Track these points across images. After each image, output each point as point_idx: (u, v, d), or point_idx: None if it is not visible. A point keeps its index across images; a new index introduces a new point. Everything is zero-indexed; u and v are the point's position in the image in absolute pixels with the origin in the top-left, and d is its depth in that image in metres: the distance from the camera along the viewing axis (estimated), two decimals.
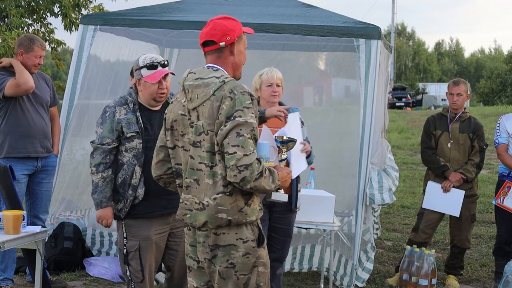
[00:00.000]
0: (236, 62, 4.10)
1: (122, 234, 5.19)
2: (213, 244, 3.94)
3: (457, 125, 7.56)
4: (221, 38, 4.02)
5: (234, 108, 3.80)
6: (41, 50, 6.77)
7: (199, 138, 3.92)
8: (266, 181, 3.79)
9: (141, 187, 5.13)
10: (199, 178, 3.94)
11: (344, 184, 8.41)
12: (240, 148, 3.73)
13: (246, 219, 3.93)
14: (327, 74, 11.38)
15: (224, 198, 3.88)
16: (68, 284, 7.16)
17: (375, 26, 7.60)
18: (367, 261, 7.51)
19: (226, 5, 8.50)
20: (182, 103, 4.03)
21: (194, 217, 3.97)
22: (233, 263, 3.93)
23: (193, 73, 4.05)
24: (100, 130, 5.16)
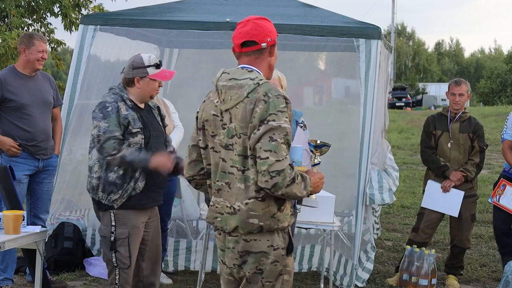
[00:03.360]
0: (272, 64, 4.08)
1: (109, 223, 5.32)
2: (243, 250, 3.89)
3: (457, 125, 7.56)
4: (263, 38, 3.99)
5: (268, 112, 3.71)
6: (42, 43, 6.75)
7: (231, 141, 3.84)
8: (298, 187, 3.72)
9: (141, 180, 5.30)
10: (231, 181, 3.86)
11: (344, 184, 8.40)
12: (272, 153, 3.65)
13: (278, 225, 3.86)
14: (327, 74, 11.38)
15: (256, 203, 3.80)
16: (68, 284, 7.16)
17: (375, 26, 7.60)
18: (367, 261, 7.51)
19: (226, 5, 8.50)
20: (215, 103, 3.96)
21: (225, 221, 3.91)
22: (262, 270, 3.88)
23: (227, 73, 4.00)
24: (104, 124, 5.21)
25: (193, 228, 8.72)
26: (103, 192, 5.31)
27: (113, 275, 5.40)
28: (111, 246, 5.35)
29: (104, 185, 5.29)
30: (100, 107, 5.28)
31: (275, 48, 4.07)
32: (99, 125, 5.23)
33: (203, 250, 7.10)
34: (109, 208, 5.33)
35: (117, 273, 5.37)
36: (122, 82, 5.47)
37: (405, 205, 12.44)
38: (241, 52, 4.07)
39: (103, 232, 5.42)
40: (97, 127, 5.24)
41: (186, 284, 7.33)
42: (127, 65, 5.48)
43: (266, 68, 4.03)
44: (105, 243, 5.43)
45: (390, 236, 10.04)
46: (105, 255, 5.45)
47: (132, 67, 5.42)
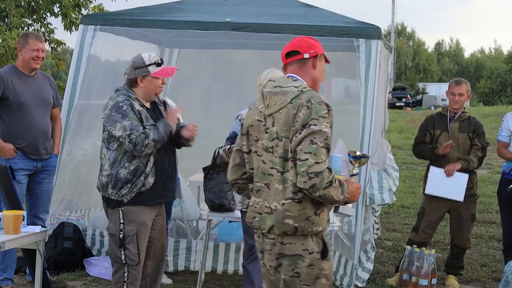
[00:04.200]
0: (315, 76, 4.21)
1: (118, 220, 5.40)
2: (279, 253, 4.02)
3: (457, 124, 7.56)
4: (306, 49, 4.17)
5: (310, 117, 3.88)
6: (37, 42, 6.71)
7: (272, 143, 4.01)
8: (336, 191, 3.85)
9: (152, 176, 5.39)
10: (270, 182, 4.03)
11: None
12: (312, 155, 3.80)
13: (312, 228, 3.98)
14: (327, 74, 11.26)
15: (292, 205, 3.94)
16: (68, 284, 7.16)
17: (375, 26, 7.60)
18: (367, 261, 7.51)
19: (226, 5, 8.50)
20: (260, 109, 4.14)
21: (262, 220, 4.06)
22: (299, 273, 4.00)
23: (273, 81, 4.17)
24: (127, 122, 5.29)
25: (193, 228, 8.72)
26: (113, 189, 5.37)
27: (121, 272, 5.45)
28: (120, 243, 5.41)
29: (114, 181, 5.36)
30: (116, 108, 5.33)
31: (321, 64, 4.25)
32: (123, 125, 5.28)
33: (203, 250, 7.09)
34: (118, 205, 5.39)
35: (126, 270, 5.43)
36: (126, 83, 5.53)
37: (405, 205, 12.45)
38: (286, 63, 4.25)
39: (112, 230, 5.47)
40: (122, 127, 5.28)
41: (186, 284, 7.33)
42: (129, 66, 5.54)
43: (310, 80, 4.19)
44: (113, 240, 5.48)
45: (390, 236, 10.04)
46: (113, 253, 5.50)
47: (133, 68, 5.48)
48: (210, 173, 6.83)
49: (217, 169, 6.81)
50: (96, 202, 8.67)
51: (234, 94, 10.21)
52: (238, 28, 7.72)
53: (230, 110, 6.96)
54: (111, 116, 5.32)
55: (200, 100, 10.65)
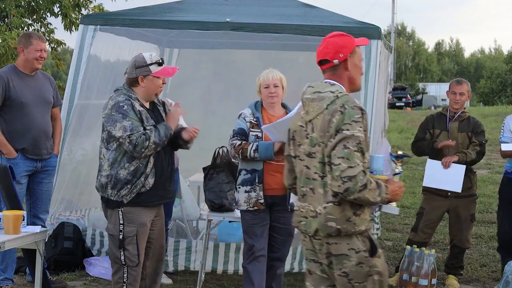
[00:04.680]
0: (351, 76, 4.27)
1: (117, 221, 5.39)
2: (327, 252, 4.15)
3: (456, 124, 7.56)
4: (334, 56, 4.22)
5: (343, 122, 3.99)
6: (40, 42, 6.74)
7: (314, 149, 4.14)
8: (371, 193, 3.96)
9: (152, 176, 5.39)
10: (314, 187, 4.16)
11: None
12: (345, 160, 3.93)
13: (354, 229, 4.08)
14: None
15: (333, 208, 4.07)
16: (68, 284, 7.16)
17: (375, 26, 7.61)
18: None
19: (226, 5, 8.50)
20: (301, 115, 4.27)
21: (308, 224, 4.18)
22: (346, 272, 4.11)
23: (312, 87, 4.27)
24: (127, 123, 5.28)
25: (193, 228, 8.72)
26: (112, 189, 5.36)
27: (121, 273, 5.45)
28: (119, 244, 5.41)
29: (114, 182, 5.34)
30: (116, 108, 5.32)
31: (354, 61, 4.29)
32: (124, 125, 5.27)
33: (203, 250, 7.10)
34: (117, 206, 5.38)
35: (125, 271, 5.43)
36: (126, 82, 5.51)
37: (405, 205, 12.42)
38: (322, 69, 4.32)
39: (111, 231, 5.47)
40: (122, 128, 5.27)
41: (186, 284, 7.33)
42: (130, 65, 5.52)
43: (347, 81, 4.26)
44: (113, 241, 5.47)
45: (390, 236, 10.04)
46: (112, 254, 5.49)
47: (134, 67, 5.46)
48: (210, 173, 6.83)
49: (217, 169, 6.81)
50: (96, 202, 8.66)
51: (234, 94, 10.21)
52: (238, 28, 7.72)
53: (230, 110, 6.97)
54: (112, 116, 5.30)
55: (200, 100, 10.65)
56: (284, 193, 6.11)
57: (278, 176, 6.09)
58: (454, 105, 7.60)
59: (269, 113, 6.22)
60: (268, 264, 6.24)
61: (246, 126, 6.13)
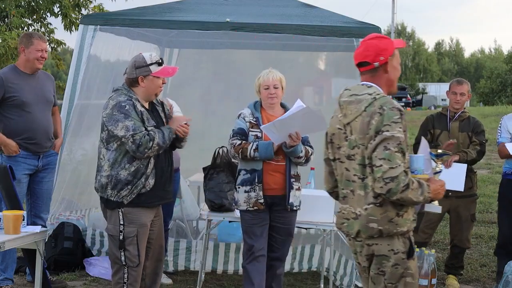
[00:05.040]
0: (390, 78, 4.31)
1: (117, 221, 5.38)
2: (367, 254, 4.21)
3: (457, 124, 7.57)
4: (374, 58, 4.23)
5: (382, 123, 4.01)
6: (41, 42, 6.75)
7: (353, 151, 4.18)
8: (414, 193, 3.98)
9: (152, 177, 5.39)
10: (354, 189, 4.20)
11: None
12: (386, 161, 3.96)
13: (396, 229, 4.12)
14: (327, 74, 11.37)
15: (374, 209, 4.11)
16: (68, 284, 7.16)
17: (375, 26, 7.61)
18: None
19: (226, 5, 8.50)
20: (339, 118, 4.30)
21: (350, 225, 4.24)
22: (384, 271, 4.17)
23: (349, 89, 4.32)
24: (130, 122, 5.27)
25: (193, 228, 8.72)
26: (112, 190, 5.35)
27: (121, 274, 5.44)
28: (119, 245, 5.40)
29: (114, 183, 5.33)
30: (117, 108, 5.30)
31: (393, 63, 4.32)
32: (126, 125, 5.26)
33: (203, 250, 7.10)
34: (117, 206, 5.37)
35: (126, 271, 5.43)
36: (126, 83, 5.49)
37: None
38: (360, 71, 4.35)
39: (111, 231, 5.45)
40: (124, 127, 5.26)
41: (186, 284, 7.33)
42: (129, 65, 5.50)
43: (385, 83, 4.29)
44: (113, 242, 5.46)
45: None
46: (112, 254, 5.48)
47: (134, 67, 5.44)
48: (210, 173, 6.83)
49: (217, 169, 6.81)
50: (96, 202, 8.66)
51: (234, 94, 10.21)
52: (238, 28, 7.72)
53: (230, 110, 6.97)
54: (113, 116, 5.28)
55: (200, 100, 10.65)
56: (283, 193, 6.11)
57: (277, 176, 6.10)
58: (455, 105, 7.61)
59: (268, 113, 6.22)
60: (268, 264, 6.24)
61: (245, 126, 6.14)
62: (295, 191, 6.16)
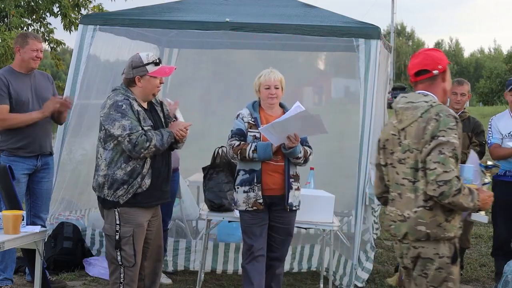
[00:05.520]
0: (445, 87, 4.48)
1: (114, 221, 5.38)
2: (413, 256, 4.33)
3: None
4: (433, 66, 4.42)
5: (438, 129, 4.16)
6: (36, 42, 6.75)
7: (404, 155, 4.32)
8: (464, 198, 4.10)
9: (148, 177, 5.38)
10: (402, 192, 4.33)
11: (343, 184, 8.41)
12: (440, 164, 4.08)
13: (444, 234, 4.24)
14: (326, 74, 11.38)
15: (423, 212, 4.22)
16: (68, 284, 7.16)
17: (375, 26, 7.60)
18: (366, 261, 7.51)
19: (226, 5, 8.50)
20: (394, 124, 4.44)
21: (397, 228, 4.36)
22: (427, 274, 4.29)
23: (405, 97, 4.47)
24: (126, 122, 5.27)
25: (193, 228, 8.72)
26: (109, 189, 5.35)
27: (117, 273, 5.44)
28: (115, 244, 5.39)
29: (110, 182, 5.34)
30: (115, 107, 5.31)
31: (447, 74, 4.50)
32: (123, 124, 5.26)
33: (203, 250, 7.10)
34: (114, 206, 5.37)
35: (122, 271, 5.42)
36: (124, 83, 5.50)
37: None
38: (416, 81, 4.51)
39: (108, 231, 5.46)
40: (120, 126, 5.26)
41: (186, 284, 7.33)
42: (127, 65, 5.50)
43: (441, 92, 4.46)
44: (109, 241, 5.47)
45: (389, 236, 10.01)
46: (109, 254, 5.49)
47: (131, 67, 5.45)
48: (209, 173, 6.83)
49: (216, 169, 6.81)
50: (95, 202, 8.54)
51: (233, 94, 10.20)
52: (238, 28, 7.72)
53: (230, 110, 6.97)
54: (110, 115, 5.29)
55: (200, 100, 10.65)
56: (282, 193, 6.11)
57: (276, 176, 6.10)
58: (455, 105, 7.61)
59: (267, 113, 6.21)
60: (267, 264, 6.23)
61: (244, 127, 6.13)
62: (294, 191, 6.16)
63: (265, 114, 6.20)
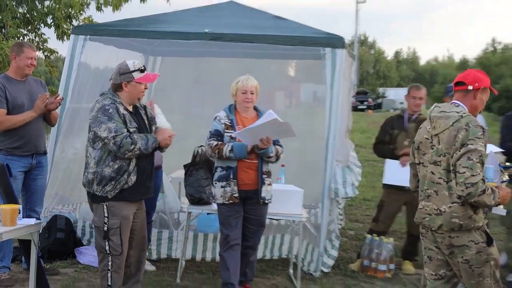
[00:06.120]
0: (476, 105, 4.65)
1: (102, 214, 5.39)
2: (449, 244, 4.56)
3: (414, 125, 7.61)
4: (471, 82, 4.62)
5: (467, 137, 4.39)
6: (31, 51, 6.73)
7: (439, 158, 4.56)
8: (488, 197, 4.36)
9: (134, 174, 5.38)
10: (438, 190, 4.57)
11: (311, 179, 8.41)
12: (468, 169, 4.34)
13: (474, 224, 4.50)
14: (296, 80, 11.39)
15: (457, 207, 4.48)
16: (60, 271, 7.12)
17: (340, 37, 7.63)
18: (332, 248, 7.54)
19: (205, 17, 8.49)
20: (427, 129, 4.70)
21: (432, 220, 4.60)
22: (467, 259, 4.52)
23: (438, 107, 4.71)
24: (112, 124, 5.27)
25: (175, 220, 8.71)
26: (98, 185, 5.35)
27: (106, 261, 5.45)
28: (104, 235, 5.40)
29: (99, 179, 5.34)
30: (102, 111, 5.31)
31: (482, 96, 4.67)
32: (109, 127, 5.26)
33: (184, 240, 7.09)
34: (102, 200, 5.37)
35: (110, 259, 5.43)
36: (111, 88, 5.50)
37: (367, 198, 12.50)
38: (455, 90, 4.72)
39: (97, 223, 5.46)
40: (107, 129, 5.25)
41: (168, 270, 7.31)
42: (114, 72, 5.51)
43: (469, 106, 4.62)
44: (98, 232, 5.47)
45: (352, 226, 10.08)
46: (98, 244, 5.49)
47: (119, 73, 5.45)
48: (190, 170, 6.82)
49: (196, 166, 6.81)
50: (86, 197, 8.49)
51: (212, 98, 10.16)
52: (216, 38, 7.71)
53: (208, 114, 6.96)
54: (97, 118, 5.29)
55: (181, 104, 10.61)
56: (256, 187, 6.13)
57: (250, 173, 6.12)
58: (414, 108, 7.65)
59: (242, 115, 6.23)
60: (242, 252, 6.25)
61: (221, 128, 6.15)
62: (267, 186, 6.18)
63: (241, 116, 6.22)
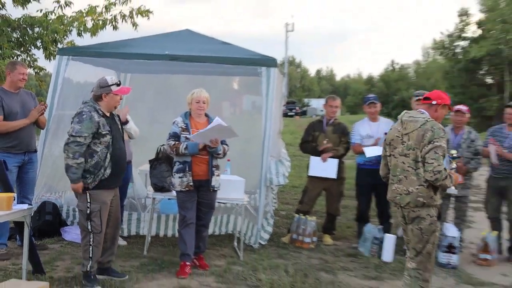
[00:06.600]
0: (436, 116, 4.91)
1: (85, 200, 5.37)
2: (411, 217, 4.87)
3: (331, 128, 7.72)
4: (435, 98, 4.94)
5: (433, 137, 4.70)
6: (23, 68, 6.62)
7: (408, 152, 4.83)
8: (448, 181, 4.70)
9: (109, 168, 5.37)
10: (407, 175, 4.83)
11: (251, 171, 8.43)
12: (435, 160, 4.66)
13: (433, 203, 4.82)
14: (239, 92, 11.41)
15: (422, 189, 4.78)
16: (49, 246, 7.00)
17: (273, 58, 7.68)
18: (267, 225, 7.58)
19: (166, 42, 8.43)
20: (398, 129, 4.96)
21: (402, 198, 4.88)
22: (421, 227, 4.85)
23: (408, 113, 5.01)
24: (77, 126, 5.24)
25: (142, 204, 8.64)
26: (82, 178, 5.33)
27: (88, 238, 5.42)
28: (87, 217, 5.38)
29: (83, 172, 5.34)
30: (78, 115, 5.33)
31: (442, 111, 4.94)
32: (73, 126, 5.27)
33: (149, 220, 7.05)
34: (85, 189, 5.35)
35: (91, 237, 5.40)
36: (93, 97, 5.47)
37: (295, 185, 12.60)
38: (422, 102, 5.03)
39: (81, 207, 5.43)
40: (72, 128, 5.27)
41: (137, 244, 7.25)
42: (95, 85, 5.49)
43: (432, 116, 4.90)
44: (82, 215, 5.43)
45: (284, 208, 10.15)
46: (81, 224, 5.46)
47: (99, 87, 5.44)
48: (154, 164, 6.79)
49: (159, 161, 6.78)
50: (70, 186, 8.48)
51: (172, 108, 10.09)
52: (175, 59, 7.68)
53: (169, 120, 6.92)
54: (73, 119, 5.33)
55: (147, 112, 10.52)
56: (207, 178, 6.12)
57: (203, 166, 6.11)
58: (331, 114, 7.76)
59: (195, 120, 6.23)
60: (196, 229, 6.25)
61: (178, 130, 6.13)
62: (216, 177, 6.19)
63: (194, 121, 6.21)
